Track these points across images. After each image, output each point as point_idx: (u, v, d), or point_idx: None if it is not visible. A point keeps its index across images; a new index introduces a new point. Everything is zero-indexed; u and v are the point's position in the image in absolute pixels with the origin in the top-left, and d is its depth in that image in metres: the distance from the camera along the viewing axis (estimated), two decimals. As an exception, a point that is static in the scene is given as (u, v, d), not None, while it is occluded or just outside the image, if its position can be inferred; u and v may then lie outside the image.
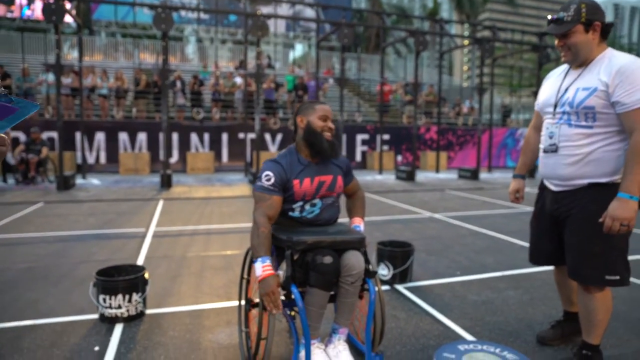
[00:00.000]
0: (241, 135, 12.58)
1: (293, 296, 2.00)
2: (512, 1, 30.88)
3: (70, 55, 18.93)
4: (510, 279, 3.78)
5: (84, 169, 10.73)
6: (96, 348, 2.45)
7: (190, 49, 24.03)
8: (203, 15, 21.75)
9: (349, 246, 2.09)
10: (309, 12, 20.77)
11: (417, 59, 12.08)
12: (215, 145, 12.81)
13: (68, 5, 10.12)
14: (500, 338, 2.62)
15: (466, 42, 15.99)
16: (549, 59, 13.29)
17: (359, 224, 2.37)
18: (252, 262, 2.20)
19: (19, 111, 1.02)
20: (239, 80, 14.27)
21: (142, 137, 12.25)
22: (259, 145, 10.70)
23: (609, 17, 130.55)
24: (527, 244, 4.92)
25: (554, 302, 3.24)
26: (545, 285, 3.64)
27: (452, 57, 44.60)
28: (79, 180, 10.03)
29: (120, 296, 2.74)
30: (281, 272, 2.10)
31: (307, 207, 2.21)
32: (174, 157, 12.33)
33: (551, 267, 3.94)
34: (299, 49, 30.27)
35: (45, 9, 8.72)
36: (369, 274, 2.11)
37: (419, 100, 15.03)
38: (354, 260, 2.03)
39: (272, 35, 22.26)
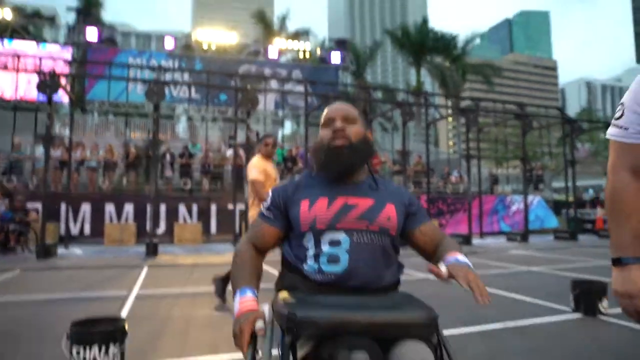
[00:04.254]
0: (230, 206, 12.49)
1: None
2: (490, 81, 32.66)
3: (62, 133, 19.24)
4: (513, 331, 3.58)
5: (66, 239, 10.43)
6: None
7: (181, 127, 24.62)
8: (194, 95, 22.54)
9: (405, 332, 1.16)
10: (298, 89, 21.67)
11: (404, 129, 12.44)
12: (203, 217, 12.65)
13: (63, 81, 10.44)
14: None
15: (450, 114, 16.65)
16: (532, 127, 13.80)
17: (457, 255, 1.36)
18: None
19: None
20: (229, 152, 14.48)
21: (129, 208, 12.09)
22: (247, 215, 10.58)
23: (583, 95, 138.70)
24: (525, 297, 4.78)
25: (561, 353, 3.05)
26: (549, 335, 3.45)
27: (437, 130, 46.33)
28: (60, 250, 9.71)
29: (95, 348, 2.50)
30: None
31: (326, 249, 1.34)
32: (161, 228, 12.09)
33: (552, 318, 3.79)
34: (287, 127, 31.17)
35: (41, 84, 8.97)
36: None
37: (408, 170, 15.29)
38: None
39: (261, 113, 23.00)
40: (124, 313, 4.11)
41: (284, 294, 1.32)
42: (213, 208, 12.76)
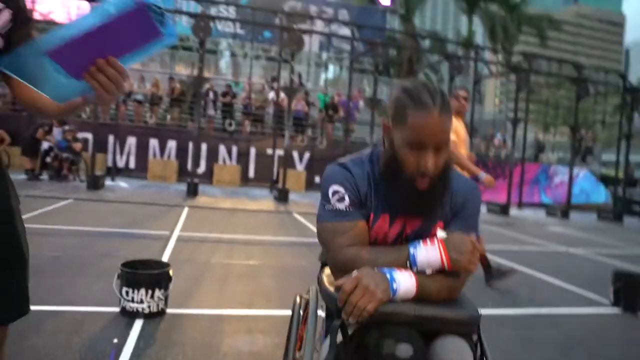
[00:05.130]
0: (269, 151, 12.63)
1: None
2: (544, 36, 30.56)
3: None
4: (546, 318, 3.57)
5: (113, 171, 10.91)
6: (115, 340, 2.39)
7: (224, 63, 24.56)
8: (239, 30, 22.23)
9: (448, 328, 1.20)
10: (344, 32, 21.04)
11: (451, 84, 11.99)
12: (242, 159, 12.88)
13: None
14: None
15: (501, 72, 15.84)
16: (588, 93, 12.97)
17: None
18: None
19: (160, 39, 0.86)
20: (271, 94, 14.44)
21: (171, 144, 12.42)
22: (287, 162, 10.71)
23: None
24: (561, 283, 4.71)
25: (597, 347, 3.03)
26: (585, 328, 3.44)
27: (485, 87, 44.45)
28: (107, 182, 10.19)
29: (143, 290, 2.68)
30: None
31: None
32: (201, 168, 12.42)
33: (588, 310, 3.74)
34: (330, 71, 30.59)
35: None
36: None
37: (450, 128, 14.91)
38: (453, 356, 1.15)
39: (305, 55, 22.59)
40: (166, 254, 4.34)
41: (327, 275, 1.34)
42: (252, 151, 12.94)
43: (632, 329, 3.51)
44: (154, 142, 12.32)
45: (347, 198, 1.26)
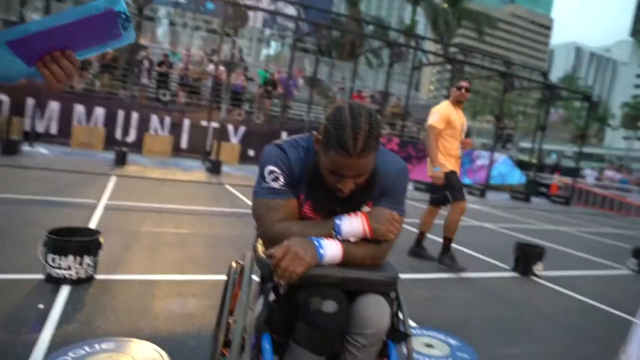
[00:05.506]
0: (204, 123, 12.38)
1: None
2: (481, 31, 32.07)
3: (29, 19, 18.02)
4: (456, 281, 3.94)
5: (31, 136, 10.21)
6: (40, 306, 2.36)
7: (161, 31, 23.44)
8: (180, -1, 21.29)
9: (370, 288, 1.34)
10: (289, 11, 20.80)
11: (389, 70, 12.34)
12: (175, 130, 12.52)
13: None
14: (445, 328, 2.73)
15: (438, 61, 16.51)
16: (513, 87, 13.94)
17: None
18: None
19: (119, 39, 0.92)
20: (210, 67, 14.08)
21: (99, 111, 11.78)
22: (221, 135, 10.60)
23: (571, 59, 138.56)
24: (472, 252, 5.19)
25: (496, 305, 3.42)
26: (489, 289, 3.83)
27: (421, 74, 45.83)
28: (25, 147, 9.54)
29: (71, 257, 2.65)
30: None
31: None
32: (131, 137, 11.92)
33: (492, 274, 4.17)
34: (272, 48, 30.16)
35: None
36: (396, 336, 1.39)
37: (386, 110, 15.35)
38: (373, 311, 1.30)
39: (246, 29, 22.09)
40: (93, 222, 4.23)
41: (261, 247, 1.46)
42: (186, 122, 12.61)
43: (526, 289, 4.02)
44: (79, 108, 11.61)
45: (281, 178, 1.36)
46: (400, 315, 1.42)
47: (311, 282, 1.27)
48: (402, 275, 3.74)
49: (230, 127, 12.84)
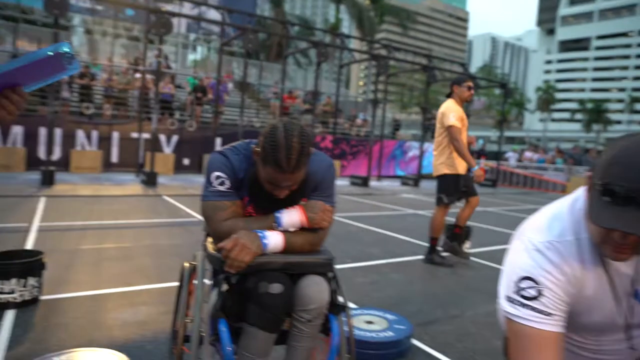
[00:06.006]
0: (134, 135, 12.06)
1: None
2: (405, 25, 33.39)
3: None
4: (392, 265, 4.27)
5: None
6: (-12, 330, 2.36)
7: (77, 40, 22.35)
8: (97, 6, 20.41)
9: (309, 270, 1.55)
10: (213, 15, 20.59)
11: (317, 70, 12.65)
12: (104, 144, 12.10)
13: None
14: (384, 307, 3.01)
15: (364, 59, 17.09)
16: (435, 79, 14.75)
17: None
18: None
19: (65, 72, 1.02)
20: (137, 76, 13.70)
21: (17, 130, 11.14)
22: (154, 146, 10.43)
23: (488, 49, 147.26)
24: (408, 238, 5.58)
25: (428, 282, 3.76)
26: (421, 269, 4.19)
27: (350, 71, 46.87)
28: (-61, 175, 8.89)
29: (14, 280, 2.65)
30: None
31: None
32: (56, 154, 11.39)
33: (422, 257, 4.51)
34: (198, 52, 29.65)
35: None
36: (335, 309, 1.59)
37: (317, 109, 15.68)
38: (313, 289, 1.49)
39: (171, 35, 21.60)
40: (28, 245, 4.13)
41: (211, 243, 1.64)
42: (115, 135, 12.22)
43: (456, 266, 4.38)
44: (-5, 129, 10.93)
45: (226, 182, 1.53)
46: (339, 290, 1.64)
47: (258, 269, 1.46)
48: (344, 265, 4.03)
49: (162, 137, 12.60)
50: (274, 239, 1.50)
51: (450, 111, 4.14)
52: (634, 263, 1.12)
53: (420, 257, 4.64)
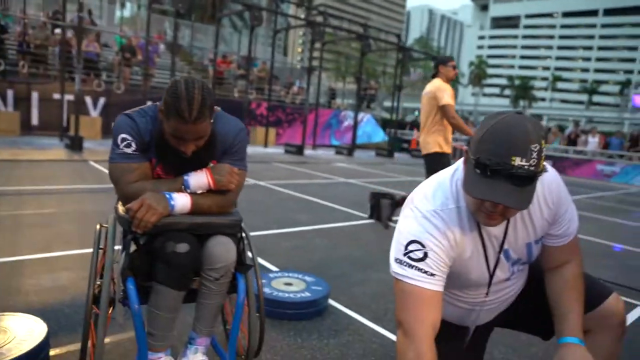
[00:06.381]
0: (56, 96, 11.30)
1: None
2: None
3: None
4: (318, 231, 4.48)
5: None
6: None
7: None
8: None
9: (216, 230, 1.61)
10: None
11: (251, 34, 12.42)
12: (22, 105, 11.25)
13: None
14: (305, 270, 3.20)
15: (298, 24, 16.92)
16: (370, 49, 14.94)
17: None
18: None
19: None
20: (56, 31, 12.71)
21: None
22: (79, 108, 9.88)
23: (425, 21, 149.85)
24: (336, 205, 5.83)
25: (352, 247, 4.01)
26: (346, 235, 4.44)
27: (287, 37, 46.05)
28: None
29: None
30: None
31: None
32: (-34, 115, 10.49)
33: (352, 223, 4.74)
34: (127, 9, 27.82)
35: None
36: (242, 268, 1.67)
37: (252, 75, 15.44)
38: (220, 249, 1.57)
39: (95, -12, 20.06)
40: (-64, 211, 3.90)
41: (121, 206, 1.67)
42: (34, 96, 11.38)
43: (378, 233, 4.69)
44: None
45: (133, 144, 1.54)
46: (248, 253, 1.74)
47: (165, 229, 1.52)
48: (269, 231, 4.18)
49: (88, 100, 11.91)
50: (181, 201, 1.55)
51: (441, 90, 4.20)
52: (502, 226, 1.30)
53: (346, 223, 4.88)
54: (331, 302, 2.74)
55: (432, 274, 1.20)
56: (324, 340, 2.27)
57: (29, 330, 1.86)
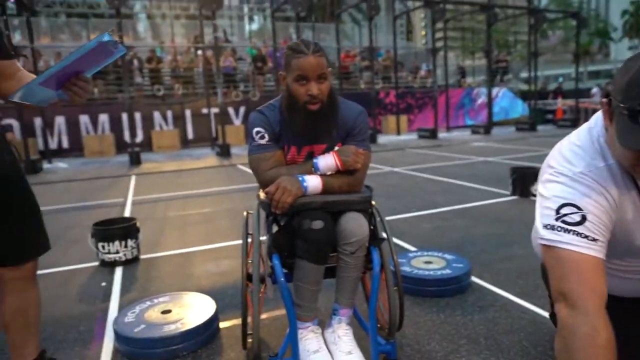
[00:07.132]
0: (204, 111, 12.72)
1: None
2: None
3: (13, 38, 18.25)
4: (458, 211, 4.34)
5: (47, 154, 10.71)
6: (103, 283, 2.84)
7: (142, 27, 23.50)
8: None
9: (349, 207, 1.70)
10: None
11: (370, 24, 12.44)
12: (179, 122, 12.91)
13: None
14: (444, 249, 3.15)
15: (416, 6, 16.41)
16: (497, 18, 13.87)
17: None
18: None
19: (114, 55, 1.25)
20: (199, 53, 14.29)
21: (103, 118, 12.22)
22: (223, 119, 10.97)
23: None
24: (475, 185, 5.57)
25: (493, 225, 3.82)
26: (487, 213, 4.23)
27: (410, 22, 45.05)
28: (45, 165, 10.05)
29: (117, 242, 3.11)
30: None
31: None
32: (139, 137, 12.36)
33: (492, 201, 4.54)
34: (255, 22, 29.99)
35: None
36: (375, 241, 1.75)
37: (376, 65, 15.46)
38: (353, 224, 1.65)
39: (225, 9, 22.01)
40: (126, 215, 4.70)
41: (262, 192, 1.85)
42: (187, 113, 12.98)
43: (522, 209, 4.37)
44: (84, 119, 12.05)
45: (266, 135, 1.73)
46: (378, 224, 1.81)
47: (301, 209, 1.65)
48: (409, 214, 4.18)
49: (230, 110, 13.18)
50: (312, 182, 1.67)
51: None
52: None
53: (487, 202, 4.65)
54: (474, 279, 2.66)
55: (593, 239, 1.06)
56: (468, 316, 2.21)
57: (203, 306, 2.19)
